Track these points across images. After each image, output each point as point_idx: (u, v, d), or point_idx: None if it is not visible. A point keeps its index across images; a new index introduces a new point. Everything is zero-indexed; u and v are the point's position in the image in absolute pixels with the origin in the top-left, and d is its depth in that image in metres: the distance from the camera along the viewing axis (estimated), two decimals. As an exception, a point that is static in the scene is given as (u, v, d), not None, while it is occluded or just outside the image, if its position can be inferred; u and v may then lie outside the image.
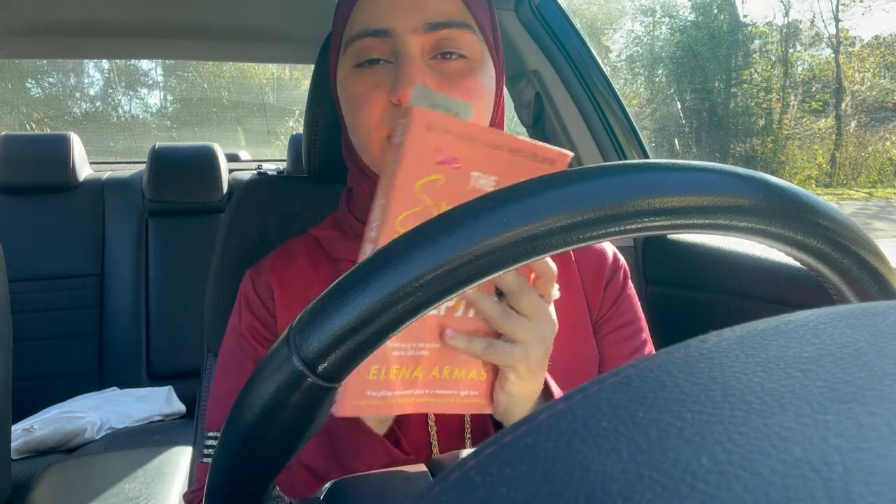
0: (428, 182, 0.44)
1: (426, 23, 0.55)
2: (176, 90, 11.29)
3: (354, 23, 0.57)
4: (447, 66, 0.56)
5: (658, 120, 14.31)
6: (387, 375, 0.46)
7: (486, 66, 0.59)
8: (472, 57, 0.57)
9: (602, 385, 0.17)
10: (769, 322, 0.18)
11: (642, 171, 0.28)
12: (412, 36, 0.55)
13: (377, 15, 0.56)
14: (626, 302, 0.68)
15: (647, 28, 15.31)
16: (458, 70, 0.57)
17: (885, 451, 0.13)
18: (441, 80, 0.56)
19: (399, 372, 0.46)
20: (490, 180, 0.46)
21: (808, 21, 14.82)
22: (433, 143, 0.44)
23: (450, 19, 0.56)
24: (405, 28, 0.55)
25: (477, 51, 0.58)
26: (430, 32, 0.55)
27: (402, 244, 0.27)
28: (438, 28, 0.55)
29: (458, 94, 0.56)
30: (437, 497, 0.16)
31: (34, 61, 8.20)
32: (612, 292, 0.67)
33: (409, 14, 0.55)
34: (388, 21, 0.55)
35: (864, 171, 13.47)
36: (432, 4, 0.56)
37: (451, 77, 0.56)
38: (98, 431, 1.57)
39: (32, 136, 2.07)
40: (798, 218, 0.28)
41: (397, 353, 0.46)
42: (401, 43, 0.55)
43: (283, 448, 0.30)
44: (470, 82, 0.57)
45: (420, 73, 0.54)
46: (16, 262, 1.73)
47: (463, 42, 0.57)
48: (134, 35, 1.54)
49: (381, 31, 0.56)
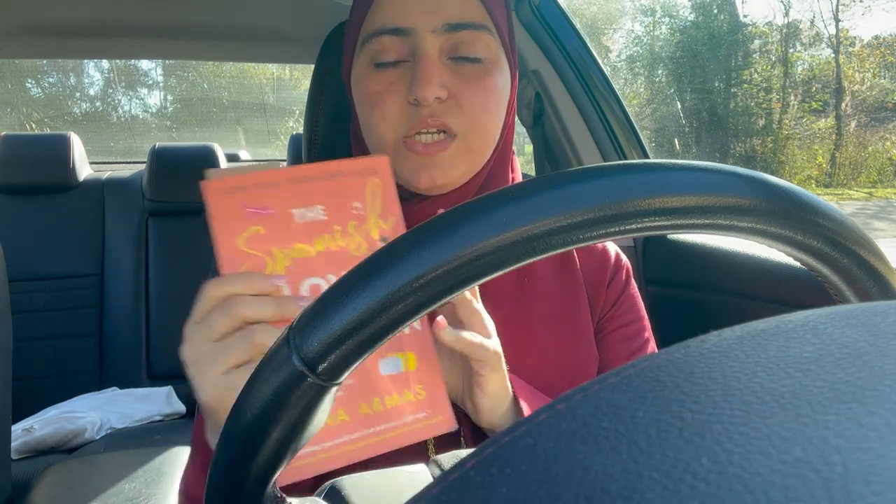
0: (249, 237, 0.46)
1: (445, 23, 0.55)
2: (176, 90, 11.30)
3: (372, 21, 0.57)
4: (465, 68, 0.57)
5: (658, 120, 14.31)
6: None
7: (502, 66, 0.59)
8: (488, 58, 0.57)
9: (602, 385, 0.17)
10: (769, 322, 0.18)
11: (642, 171, 0.28)
12: (431, 36, 0.55)
13: (397, 13, 0.56)
14: (628, 301, 0.68)
15: (647, 28, 15.31)
16: (475, 71, 0.57)
17: (885, 451, 0.13)
18: (458, 80, 0.56)
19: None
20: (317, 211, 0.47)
21: (808, 21, 14.83)
22: (236, 204, 0.45)
23: (469, 21, 0.56)
24: (425, 27, 0.55)
25: (493, 51, 0.58)
26: (450, 33, 0.56)
27: (402, 244, 0.27)
28: (458, 29, 0.56)
29: (474, 92, 0.56)
30: (437, 497, 0.16)
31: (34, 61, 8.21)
32: (613, 291, 0.67)
33: (428, 14, 0.55)
34: (408, 20, 0.55)
35: (864, 171, 13.47)
36: (452, 5, 0.56)
37: (468, 78, 0.56)
38: (98, 431, 1.57)
39: (32, 136, 2.07)
40: (798, 218, 0.28)
41: None
42: (419, 42, 0.55)
43: (283, 448, 0.30)
44: (486, 83, 0.57)
45: (438, 73, 0.55)
46: (16, 262, 1.73)
47: (481, 43, 0.57)
48: (134, 35, 1.54)
49: (399, 30, 0.56)
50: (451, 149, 0.56)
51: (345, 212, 0.48)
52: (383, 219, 0.49)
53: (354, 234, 0.48)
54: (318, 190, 0.47)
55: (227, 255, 0.45)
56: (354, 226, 0.48)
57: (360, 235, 0.48)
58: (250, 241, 0.45)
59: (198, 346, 0.44)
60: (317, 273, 0.47)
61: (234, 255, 0.45)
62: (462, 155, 0.57)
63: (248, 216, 0.45)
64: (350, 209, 0.48)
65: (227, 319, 0.44)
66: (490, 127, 0.58)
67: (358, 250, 0.48)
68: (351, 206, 0.48)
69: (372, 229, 0.48)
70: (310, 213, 0.47)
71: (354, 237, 0.48)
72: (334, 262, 0.47)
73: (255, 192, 0.46)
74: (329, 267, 0.47)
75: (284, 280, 0.46)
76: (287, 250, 0.46)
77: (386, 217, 0.49)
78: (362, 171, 0.48)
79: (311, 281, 0.46)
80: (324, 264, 0.47)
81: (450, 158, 0.57)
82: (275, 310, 0.45)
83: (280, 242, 0.46)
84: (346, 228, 0.48)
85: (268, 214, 0.46)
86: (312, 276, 0.46)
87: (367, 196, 0.48)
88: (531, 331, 0.62)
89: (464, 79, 0.56)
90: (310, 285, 0.46)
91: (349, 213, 0.48)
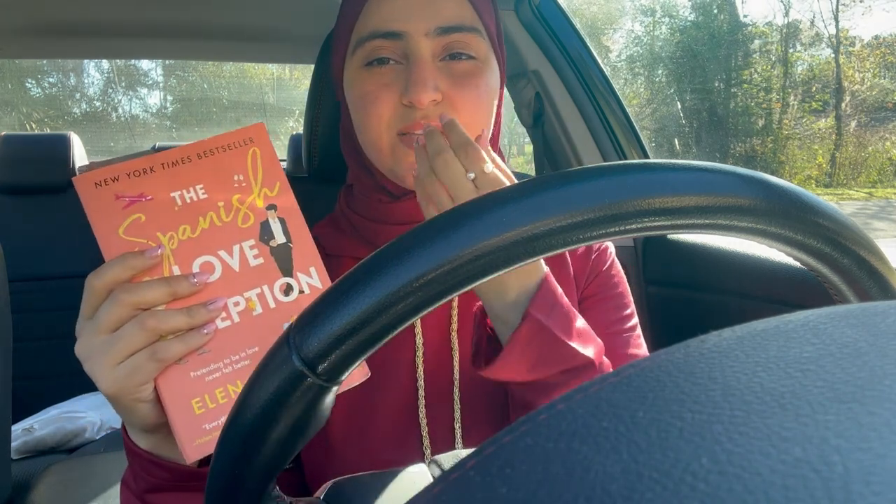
0: (129, 226, 0.46)
1: (438, 26, 0.56)
2: (176, 90, 11.30)
3: (365, 24, 0.58)
4: (457, 67, 0.58)
5: (658, 120, 14.31)
6: (214, 402, 0.45)
7: (492, 65, 0.60)
8: (479, 58, 0.59)
9: (602, 385, 0.17)
10: (769, 322, 0.18)
11: (642, 171, 0.28)
12: (424, 39, 0.56)
13: (389, 18, 0.56)
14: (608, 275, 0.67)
15: (647, 28, 15.31)
16: (466, 71, 0.58)
17: (885, 451, 0.13)
18: (451, 81, 0.57)
19: (227, 392, 0.46)
20: (197, 190, 0.47)
21: (808, 21, 14.83)
22: (107, 194, 0.45)
23: (461, 23, 0.57)
24: (418, 31, 0.56)
25: (483, 52, 0.59)
26: (442, 36, 0.56)
27: (402, 244, 0.27)
28: (450, 32, 0.57)
29: (467, 92, 0.57)
30: (437, 497, 0.16)
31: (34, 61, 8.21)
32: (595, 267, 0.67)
33: (421, 18, 0.56)
34: (401, 24, 0.56)
35: (864, 171, 13.47)
36: (444, 8, 0.56)
37: (461, 78, 0.57)
38: (98, 431, 1.57)
39: (32, 136, 2.07)
40: (798, 218, 0.28)
41: (214, 376, 0.45)
42: (413, 46, 0.56)
43: (283, 448, 0.30)
44: (478, 81, 0.58)
45: (432, 76, 0.55)
46: (16, 262, 1.73)
47: (472, 44, 0.58)
48: (134, 35, 1.54)
49: (393, 34, 0.56)
50: None
51: (226, 186, 0.48)
52: (268, 186, 0.48)
53: (240, 206, 0.48)
54: (196, 169, 0.47)
55: (109, 247, 0.45)
56: (238, 198, 0.48)
57: (246, 207, 0.48)
58: (131, 230, 0.46)
59: (89, 341, 0.44)
60: (205, 251, 0.47)
61: (115, 246, 0.45)
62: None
63: (126, 205, 0.46)
64: (231, 183, 0.48)
65: (117, 308, 0.43)
66: (482, 124, 0.59)
67: (244, 223, 0.48)
68: (232, 180, 0.48)
69: (258, 199, 0.48)
70: (189, 193, 0.47)
71: (241, 210, 0.48)
72: (222, 238, 0.47)
73: (129, 181, 0.46)
74: (217, 243, 0.47)
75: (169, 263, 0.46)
76: (172, 233, 0.46)
77: (271, 184, 0.48)
78: (239, 142, 0.48)
79: (202, 259, 0.46)
80: (212, 241, 0.47)
81: None
82: (166, 290, 0.44)
83: (163, 227, 0.46)
84: (230, 202, 0.47)
85: (146, 201, 0.46)
86: (202, 254, 0.47)
87: (248, 166, 0.48)
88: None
89: (456, 79, 0.57)
90: (200, 263, 0.46)
91: (231, 187, 0.48)
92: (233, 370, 0.46)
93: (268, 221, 0.48)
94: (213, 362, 0.45)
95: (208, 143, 0.48)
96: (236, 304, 0.46)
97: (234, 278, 0.47)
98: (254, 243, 0.47)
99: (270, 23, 1.48)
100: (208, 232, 0.47)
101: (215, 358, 0.45)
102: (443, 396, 0.60)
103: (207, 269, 0.46)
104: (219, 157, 0.48)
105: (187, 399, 0.45)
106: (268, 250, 0.48)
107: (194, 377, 0.45)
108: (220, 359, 0.45)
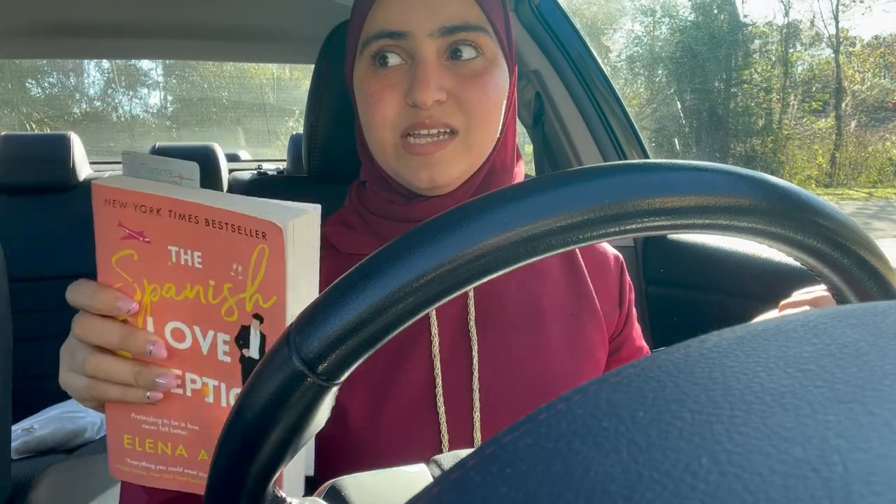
0: (121, 258, 0.43)
1: (442, 26, 0.56)
2: (176, 90, 11.30)
3: (371, 24, 0.58)
4: (462, 67, 0.57)
5: (658, 120, 14.31)
6: (142, 447, 0.45)
7: (500, 65, 0.60)
8: (486, 56, 0.58)
9: (602, 385, 0.17)
10: (769, 322, 0.18)
11: (642, 171, 0.28)
12: (428, 39, 0.56)
13: (394, 17, 0.56)
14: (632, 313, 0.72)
15: (647, 28, 15.31)
16: (473, 70, 0.57)
17: (885, 451, 0.13)
18: (457, 81, 0.57)
19: (155, 447, 0.45)
20: (194, 256, 0.42)
21: (808, 21, 14.83)
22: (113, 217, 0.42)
23: (466, 23, 0.56)
24: (422, 31, 0.56)
25: (491, 51, 0.58)
26: (447, 36, 0.56)
27: (402, 244, 0.27)
28: (455, 32, 0.56)
29: (473, 91, 0.57)
30: (437, 497, 0.16)
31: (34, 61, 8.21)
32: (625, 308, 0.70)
33: (425, 17, 0.56)
34: (405, 24, 0.56)
35: (864, 171, 13.48)
36: (449, 8, 0.56)
37: (467, 77, 0.57)
38: (98, 431, 1.57)
39: (32, 136, 2.07)
40: (798, 218, 0.28)
41: (148, 427, 0.45)
42: (417, 45, 0.56)
43: (283, 448, 0.30)
44: (485, 80, 0.57)
45: (436, 76, 0.55)
46: (16, 262, 1.73)
47: (478, 44, 0.57)
48: (134, 35, 1.54)
49: (397, 34, 0.56)
50: (450, 147, 0.57)
51: (222, 270, 0.42)
52: (262, 295, 0.41)
53: (228, 296, 0.42)
54: (200, 235, 0.41)
55: (100, 268, 0.43)
56: (230, 288, 0.42)
57: (234, 302, 0.42)
58: (122, 263, 0.43)
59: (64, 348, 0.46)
60: (183, 319, 0.43)
61: (105, 271, 0.43)
62: (461, 153, 0.58)
63: (125, 236, 0.42)
64: (228, 269, 0.41)
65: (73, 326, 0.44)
66: (489, 124, 0.59)
67: (228, 316, 0.42)
68: (230, 266, 0.41)
69: (248, 301, 0.42)
70: (186, 255, 0.42)
71: (228, 300, 0.42)
72: (202, 317, 0.43)
73: (134, 214, 0.42)
74: (196, 318, 0.43)
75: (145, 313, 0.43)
76: (157, 286, 0.43)
77: (267, 295, 0.41)
78: (251, 230, 0.40)
79: (176, 325, 0.43)
80: (191, 314, 0.43)
81: (448, 157, 0.57)
82: (119, 339, 0.43)
83: (151, 276, 0.43)
84: (220, 287, 0.42)
85: (144, 242, 0.42)
86: (178, 320, 0.43)
87: (251, 261, 0.41)
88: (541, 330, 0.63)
89: (462, 78, 0.57)
90: (173, 329, 0.43)
91: (226, 274, 0.42)
92: (168, 432, 0.45)
93: (249, 329, 0.42)
94: (154, 416, 0.45)
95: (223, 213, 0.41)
96: (193, 381, 0.44)
97: (200, 359, 0.44)
98: (228, 339, 0.43)
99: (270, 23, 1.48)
100: (192, 303, 0.43)
101: (157, 413, 0.45)
102: (461, 387, 0.60)
103: (178, 338, 0.44)
104: (226, 235, 0.41)
105: (121, 431, 0.46)
106: (238, 356, 0.43)
107: (133, 418, 0.45)
108: (161, 417, 0.45)
